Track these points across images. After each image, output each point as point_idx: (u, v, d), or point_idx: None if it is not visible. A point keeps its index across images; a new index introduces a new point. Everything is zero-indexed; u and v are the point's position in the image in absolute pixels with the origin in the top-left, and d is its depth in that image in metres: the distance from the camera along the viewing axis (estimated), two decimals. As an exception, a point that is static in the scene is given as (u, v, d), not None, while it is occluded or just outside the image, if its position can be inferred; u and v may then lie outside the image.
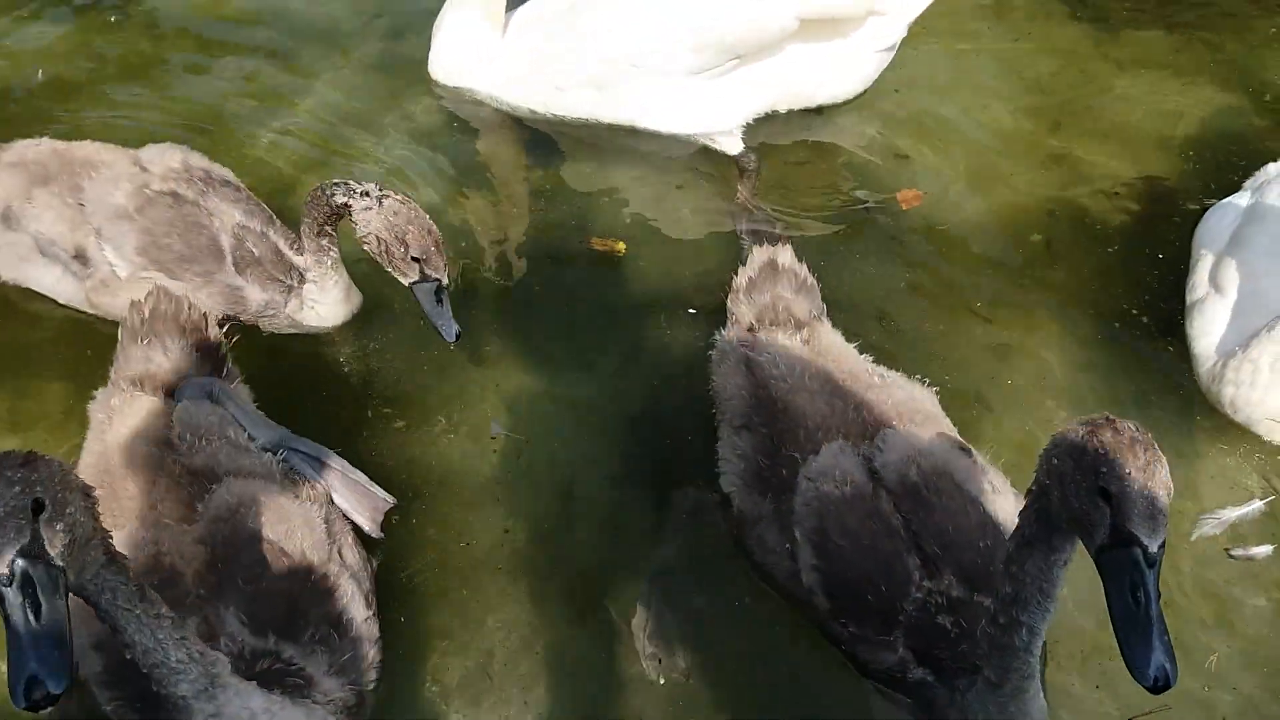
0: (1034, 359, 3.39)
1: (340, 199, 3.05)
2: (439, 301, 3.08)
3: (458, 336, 3.09)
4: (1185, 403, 3.21)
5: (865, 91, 4.25)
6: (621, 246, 3.81)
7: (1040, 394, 3.29)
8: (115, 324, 3.03)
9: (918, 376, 3.00)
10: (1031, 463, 2.94)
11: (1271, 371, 2.93)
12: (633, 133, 4.16)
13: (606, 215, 3.93)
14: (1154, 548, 1.86)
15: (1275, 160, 3.47)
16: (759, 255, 3.18)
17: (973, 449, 2.75)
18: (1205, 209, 3.46)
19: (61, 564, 1.77)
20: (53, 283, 3.38)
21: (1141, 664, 1.84)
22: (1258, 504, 2.90)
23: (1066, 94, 4.29)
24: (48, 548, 1.74)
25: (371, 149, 4.13)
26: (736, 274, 3.17)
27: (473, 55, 4.24)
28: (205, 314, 2.99)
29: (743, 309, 3.12)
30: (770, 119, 4.19)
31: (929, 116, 4.24)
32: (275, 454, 2.78)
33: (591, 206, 3.97)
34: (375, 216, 3.01)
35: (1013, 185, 3.95)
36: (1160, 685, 1.84)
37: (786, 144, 4.18)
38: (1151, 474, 1.86)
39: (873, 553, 2.53)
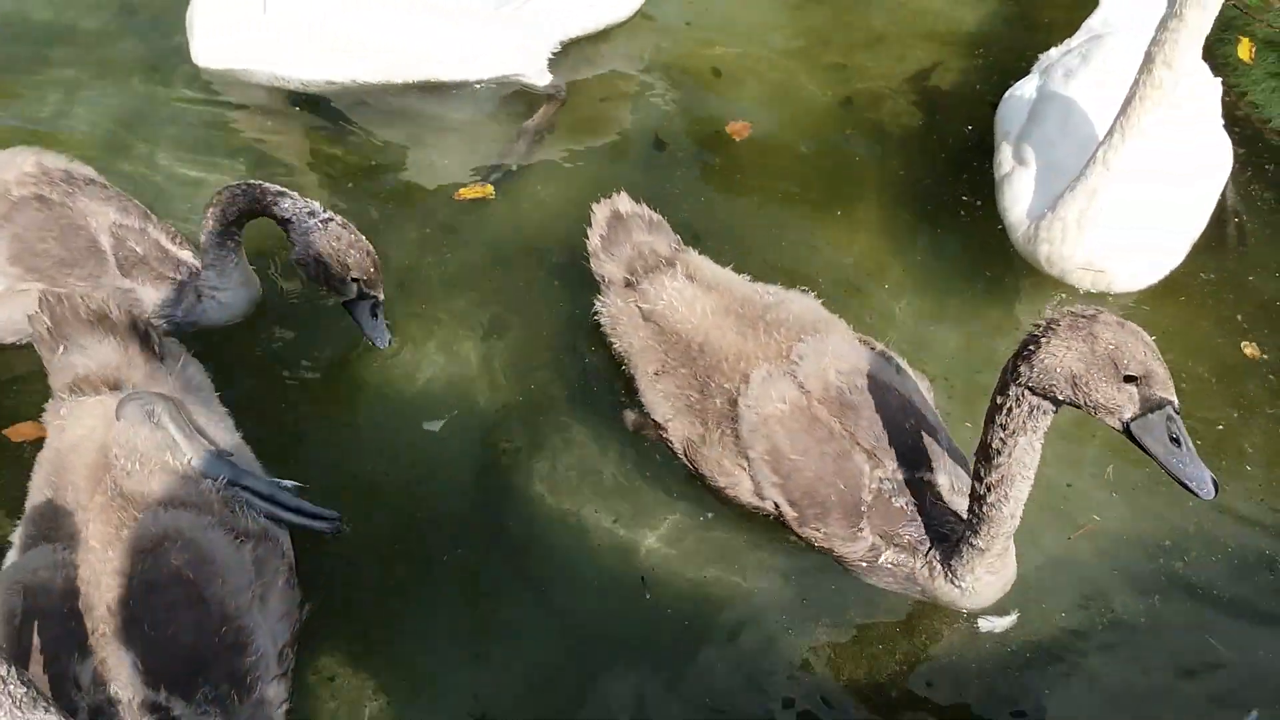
0: (881, 248, 3.69)
1: (284, 215, 2.94)
2: (374, 315, 3.07)
3: (390, 342, 3.09)
4: (1007, 267, 3.58)
5: (661, 29, 4.36)
6: (489, 189, 3.78)
7: (899, 275, 3.61)
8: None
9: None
10: (924, 338, 3.26)
11: (1078, 227, 3.24)
12: (438, 88, 4.04)
13: (451, 173, 3.86)
14: (1175, 399, 2.24)
15: (1054, 45, 3.86)
16: (600, 211, 3.21)
17: (873, 340, 3.01)
18: (1001, 94, 3.82)
19: None
20: None
21: (1204, 487, 2.27)
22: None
23: (840, 3, 4.54)
24: None
25: (149, 160, 3.85)
26: (587, 238, 3.20)
27: (236, 32, 3.88)
28: (106, 300, 2.84)
29: (609, 268, 3.16)
30: (577, 66, 4.21)
31: (724, 43, 4.36)
32: (215, 481, 2.63)
33: (427, 170, 3.87)
34: (319, 239, 2.91)
35: (817, 99, 4.17)
36: (1217, 493, 2.28)
37: (594, 83, 4.22)
38: (1150, 345, 2.24)
39: (824, 458, 2.75)
